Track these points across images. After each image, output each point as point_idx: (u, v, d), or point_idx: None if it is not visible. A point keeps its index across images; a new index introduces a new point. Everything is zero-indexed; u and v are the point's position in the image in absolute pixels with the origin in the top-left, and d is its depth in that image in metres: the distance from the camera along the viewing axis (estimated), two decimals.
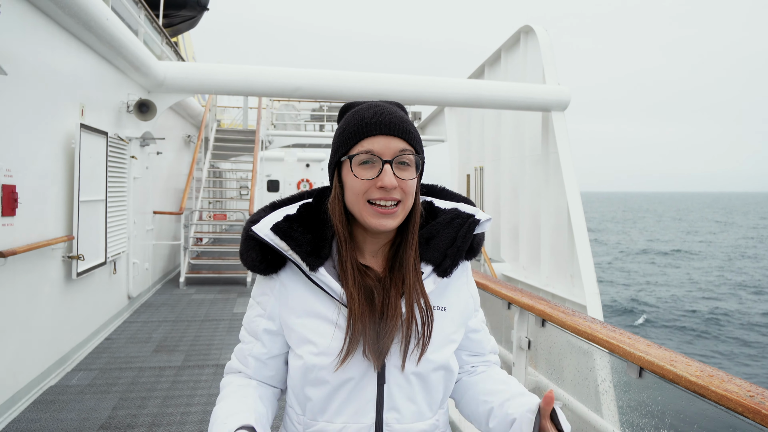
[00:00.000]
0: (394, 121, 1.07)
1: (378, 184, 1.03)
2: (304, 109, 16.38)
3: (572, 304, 7.71)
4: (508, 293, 2.72)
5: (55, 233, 4.53)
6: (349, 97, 7.69)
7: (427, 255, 1.12)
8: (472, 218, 1.15)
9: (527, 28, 9.06)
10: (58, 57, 4.64)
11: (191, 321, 6.56)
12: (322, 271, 1.07)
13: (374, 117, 1.07)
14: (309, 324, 1.09)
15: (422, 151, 1.11)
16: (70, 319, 4.91)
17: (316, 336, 1.07)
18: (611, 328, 1.96)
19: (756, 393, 1.36)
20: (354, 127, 1.08)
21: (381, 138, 1.05)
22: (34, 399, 4.06)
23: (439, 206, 1.18)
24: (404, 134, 1.07)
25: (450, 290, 1.17)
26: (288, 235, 1.08)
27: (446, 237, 1.12)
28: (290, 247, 1.08)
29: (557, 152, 8.14)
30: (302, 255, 1.07)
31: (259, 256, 1.11)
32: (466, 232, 1.13)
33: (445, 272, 1.12)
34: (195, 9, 11.67)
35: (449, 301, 1.16)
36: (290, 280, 1.12)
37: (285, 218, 1.11)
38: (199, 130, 10.74)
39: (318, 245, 1.09)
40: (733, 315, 20.79)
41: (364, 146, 1.05)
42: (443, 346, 1.12)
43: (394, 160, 1.05)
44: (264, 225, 1.10)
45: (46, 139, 4.40)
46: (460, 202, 1.21)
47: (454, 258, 1.12)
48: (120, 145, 6.16)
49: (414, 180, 1.08)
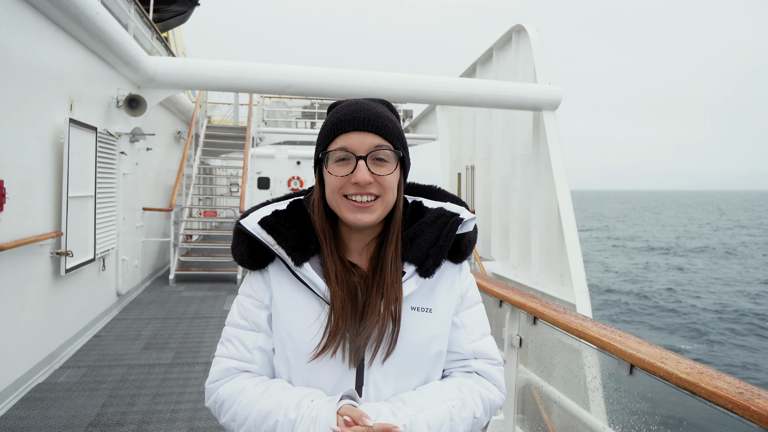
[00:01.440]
0: (368, 117, 1.06)
1: (352, 180, 1.04)
2: (295, 106, 16.32)
3: (562, 302, 7.77)
4: (500, 291, 2.73)
5: (43, 229, 4.48)
6: (340, 94, 7.68)
7: (410, 255, 1.10)
8: (455, 217, 1.13)
9: (519, 27, 9.09)
10: (47, 51, 4.59)
11: (181, 318, 6.52)
12: (307, 267, 1.07)
13: (349, 114, 1.07)
14: (291, 320, 1.09)
15: (402, 147, 1.10)
16: (59, 316, 4.86)
17: (298, 333, 1.07)
18: (602, 326, 1.98)
19: (745, 390, 1.38)
20: (330, 125, 1.09)
21: (355, 134, 1.05)
22: (22, 396, 4.02)
23: (426, 206, 1.17)
24: (379, 129, 1.06)
25: (437, 291, 1.14)
26: (275, 230, 1.09)
27: (429, 236, 1.11)
28: (276, 241, 1.08)
29: (548, 151, 8.18)
30: (288, 249, 1.07)
31: (248, 250, 1.11)
32: (449, 231, 1.11)
33: (427, 272, 1.10)
34: (186, 4, 11.57)
35: (436, 303, 1.13)
36: (276, 275, 1.12)
37: (273, 213, 1.12)
38: (190, 126, 10.67)
39: (305, 240, 1.09)
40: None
41: (338, 143, 1.06)
42: (425, 348, 1.10)
43: (369, 155, 1.05)
44: (252, 219, 1.11)
45: (34, 133, 4.35)
46: (448, 201, 1.19)
47: (437, 257, 1.10)
48: (109, 141, 6.11)
49: (392, 175, 1.07)
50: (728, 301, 23.13)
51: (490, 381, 1.19)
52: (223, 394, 1.09)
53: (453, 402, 1.08)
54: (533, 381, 2.68)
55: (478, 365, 1.19)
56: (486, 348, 1.20)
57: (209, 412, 3.83)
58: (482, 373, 1.19)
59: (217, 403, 1.10)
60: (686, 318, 20.18)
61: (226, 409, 1.08)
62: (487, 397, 1.15)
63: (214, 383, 1.12)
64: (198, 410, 3.89)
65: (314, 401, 1.01)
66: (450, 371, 1.20)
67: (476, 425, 1.13)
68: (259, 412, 1.03)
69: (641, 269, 32.15)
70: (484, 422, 1.16)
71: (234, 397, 1.07)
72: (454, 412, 1.07)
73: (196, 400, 4.06)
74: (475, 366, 1.18)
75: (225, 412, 1.08)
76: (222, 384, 1.11)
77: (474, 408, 1.12)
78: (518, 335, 2.67)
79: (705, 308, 21.59)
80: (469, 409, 1.10)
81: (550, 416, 2.66)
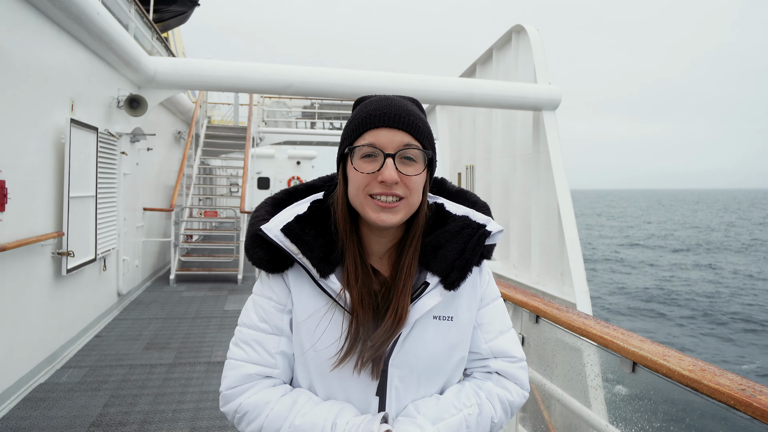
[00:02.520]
0: (399, 114, 1.02)
1: (379, 178, 0.99)
2: (295, 107, 16.32)
3: (562, 302, 7.76)
4: (503, 290, 2.73)
5: (44, 229, 4.48)
6: (340, 94, 7.69)
7: (434, 266, 1.06)
8: (482, 229, 1.09)
9: (519, 27, 9.10)
10: (48, 51, 4.59)
11: (182, 318, 6.52)
12: (332, 278, 1.04)
13: (380, 109, 1.03)
14: (311, 328, 1.05)
15: (432, 148, 1.06)
16: (60, 316, 4.86)
17: (319, 341, 1.04)
18: (605, 324, 1.98)
19: (747, 386, 1.39)
20: (359, 119, 1.04)
21: (384, 131, 1.01)
22: (24, 396, 4.02)
23: (449, 210, 1.12)
24: (410, 128, 1.02)
25: (460, 298, 1.11)
26: (299, 239, 1.04)
27: (454, 248, 1.06)
28: (301, 251, 1.03)
29: (548, 151, 8.18)
30: (313, 261, 1.03)
31: (267, 255, 1.07)
32: (476, 245, 1.07)
33: (452, 285, 1.06)
34: (186, 4, 11.58)
35: (458, 310, 1.10)
36: (296, 281, 1.08)
37: (296, 219, 1.06)
38: (190, 126, 10.67)
39: (330, 250, 1.05)
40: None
41: (366, 139, 1.02)
42: (447, 356, 1.09)
43: (398, 154, 1.00)
44: (274, 225, 1.06)
45: (35, 134, 4.35)
46: (472, 207, 1.15)
47: (462, 270, 1.06)
48: (110, 141, 6.11)
49: (419, 176, 1.03)
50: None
51: (511, 380, 1.16)
52: (247, 405, 1.06)
53: (470, 410, 1.08)
54: (534, 379, 2.69)
55: (498, 365, 1.16)
56: (505, 346, 1.17)
57: (211, 412, 3.83)
58: (502, 373, 1.16)
59: (239, 413, 1.06)
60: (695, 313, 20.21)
61: (250, 421, 1.05)
62: (506, 398, 1.14)
63: (233, 389, 1.08)
64: (200, 410, 3.89)
65: (349, 423, 1.00)
66: (471, 371, 1.19)
67: (494, 429, 1.12)
68: (292, 428, 1.01)
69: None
70: (503, 424, 1.15)
71: (260, 409, 1.05)
72: (471, 420, 1.07)
73: (198, 400, 4.06)
74: (494, 366, 1.16)
75: (249, 423, 1.05)
76: (244, 392, 1.07)
77: (491, 413, 1.11)
78: (521, 334, 2.68)
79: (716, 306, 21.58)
80: (487, 414, 1.10)
81: (551, 415, 2.67)
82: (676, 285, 26.41)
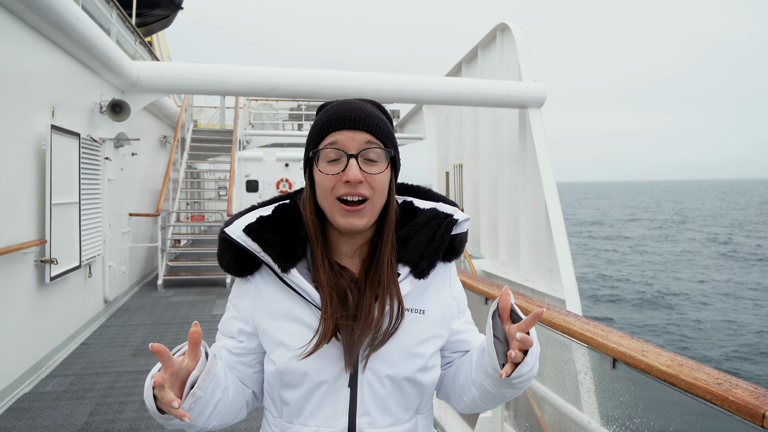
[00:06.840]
0: (359, 115, 1.06)
1: (344, 178, 1.02)
2: (281, 109, 16.27)
3: (551, 298, 7.81)
4: (485, 288, 2.74)
5: (26, 237, 4.43)
6: (326, 95, 7.66)
7: (404, 256, 1.10)
8: (450, 218, 1.13)
9: (503, 25, 9.13)
10: (27, 57, 4.53)
11: (170, 324, 6.47)
12: (295, 273, 1.06)
13: (340, 112, 1.07)
14: (282, 327, 1.08)
15: (393, 146, 1.10)
16: (45, 325, 4.81)
17: (290, 339, 1.06)
18: (585, 321, 1.99)
19: (723, 380, 1.39)
20: (321, 124, 1.08)
21: (346, 132, 1.05)
22: (8, 407, 3.96)
23: (418, 206, 1.17)
24: (370, 128, 1.06)
25: (430, 292, 1.15)
26: (260, 237, 1.08)
27: (423, 237, 1.11)
28: (262, 248, 1.07)
29: (534, 149, 8.22)
30: (274, 256, 1.06)
31: (234, 258, 1.11)
32: (444, 232, 1.11)
33: (422, 273, 1.10)
34: (169, 8, 11.49)
35: (428, 304, 1.14)
36: (264, 282, 1.12)
37: (258, 219, 1.10)
38: (176, 130, 10.60)
39: (291, 246, 1.08)
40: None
41: (329, 141, 1.06)
42: (420, 349, 1.10)
43: (360, 154, 1.04)
44: (237, 226, 1.09)
45: (15, 140, 4.30)
46: (440, 201, 1.19)
47: (431, 259, 1.10)
48: (93, 147, 6.05)
49: (382, 174, 1.06)
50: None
51: None
52: None
53: None
54: None
55: None
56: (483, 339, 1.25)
57: None
58: None
59: None
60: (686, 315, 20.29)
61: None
62: None
63: None
64: None
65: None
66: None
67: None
68: None
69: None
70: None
71: None
72: None
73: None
74: None
75: None
76: None
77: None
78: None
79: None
80: None
81: (542, 412, 2.68)
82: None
